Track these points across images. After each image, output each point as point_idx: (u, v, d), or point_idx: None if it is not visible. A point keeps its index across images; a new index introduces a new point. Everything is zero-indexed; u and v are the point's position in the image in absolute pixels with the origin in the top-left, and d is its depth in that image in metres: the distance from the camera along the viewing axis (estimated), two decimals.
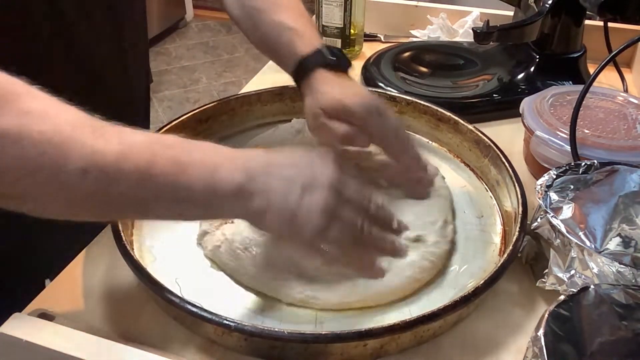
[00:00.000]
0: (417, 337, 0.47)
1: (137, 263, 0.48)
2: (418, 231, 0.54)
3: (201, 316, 0.44)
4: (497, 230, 0.60)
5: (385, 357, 0.46)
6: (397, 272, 0.51)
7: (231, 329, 0.43)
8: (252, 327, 0.43)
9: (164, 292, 0.46)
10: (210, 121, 0.70)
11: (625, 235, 0.48)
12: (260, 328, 0.43)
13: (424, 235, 0.54)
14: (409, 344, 0.47)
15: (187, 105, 2.66)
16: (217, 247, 0.53)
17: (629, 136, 0.64)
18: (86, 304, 0.50)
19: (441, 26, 1.06)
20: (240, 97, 0.73)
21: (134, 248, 0.55)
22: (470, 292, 0.46)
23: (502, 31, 0.75)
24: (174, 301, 0.45)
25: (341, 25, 0.95)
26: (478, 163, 0.67)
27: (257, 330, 0.43)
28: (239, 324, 0.43)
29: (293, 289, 0.50)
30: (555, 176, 0.54)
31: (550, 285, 0.50)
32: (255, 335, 0.43)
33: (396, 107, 0.73)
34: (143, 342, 0.46)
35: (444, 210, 0.58)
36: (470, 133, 0.67)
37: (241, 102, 0.73)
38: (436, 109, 0.71)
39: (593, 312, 0.40)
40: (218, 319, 0.43)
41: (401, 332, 0.44)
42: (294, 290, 0.50)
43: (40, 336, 0.40)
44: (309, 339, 0.43)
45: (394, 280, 0.51)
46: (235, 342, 0.46)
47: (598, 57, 0.70)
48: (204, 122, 0.70)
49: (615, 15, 0.72)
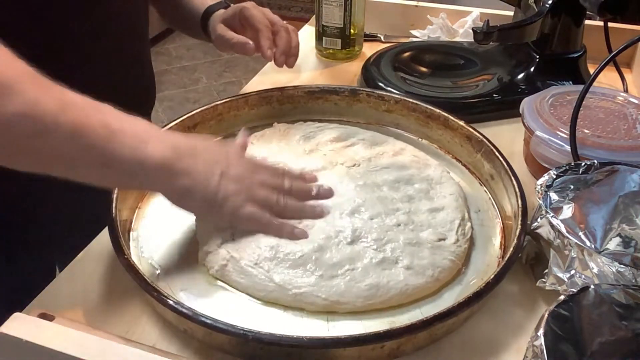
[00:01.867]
0: (432, 335, 0.47)
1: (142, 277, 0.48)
2: (439, 231, 0.55)
3: (216, 328, 0.43)
4: (496, 224, 0.60)
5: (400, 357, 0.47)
6: (419, 271, 0.51)
7: (249, 338, 0.43)
8: (269, 335, 0.43)
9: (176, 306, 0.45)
10: (199, 127, 0.70)
11: (625, 235, 0.48)
12: (278, 336, 0.43)
13: (445, 235, 0.55)
14: (424, 343, 0.47)
15: (187, 105, 2.66)
16: (224, 266, 0.52)
17: (629, 136, 0.64)
18: (86, 304, 0.50)
19: (441, 26, 1.06)
20: (227, 101, 0.72)
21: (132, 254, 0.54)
22: (482, 288, 0.47)
23: (502, 31, 0.75)
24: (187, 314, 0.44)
25: (341, 25, 0.95)
26: (470, 158, 0.67)
27: (274, 338, 0.43)
28: (256, 333, 0.42)
29: (319, 296, 0.49)
30: (555, 176, 0.54)
31: (550, 285, 0.50)
32: (273, 344, 0.43)
33: (385, 106, 0.73)
34: (143, 342, 0.46)
35: (460, 208, 0.59)
36: (461, 129, 0.67)
37: (228, 107, 0.72)
38: (425, 107, 0.71)
39: (593, 312, 0.40)
40: (234, 329, 0.43)
41: (419, 331, 0.44)
42: (318, 297, 0.49)
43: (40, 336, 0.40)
44: (328, 343, 0.43)
45: (417, 280, 0.51)
46: (252, 352, 0.45)
47: (598, 57, 0.70)
48: (192, 129, 0.69)
49: (615, 15, 0.72)
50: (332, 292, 0.49)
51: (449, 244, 0.54)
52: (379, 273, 0.51)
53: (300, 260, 0.51)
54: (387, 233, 0.54)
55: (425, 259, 0.52)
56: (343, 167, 0.62)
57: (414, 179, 0.61)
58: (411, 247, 0.53)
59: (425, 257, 0.52)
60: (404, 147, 0.68)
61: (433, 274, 0.52)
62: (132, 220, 0.60)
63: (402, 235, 0.54)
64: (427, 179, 0.61)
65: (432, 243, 0.54)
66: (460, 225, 0.56)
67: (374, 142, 0.68)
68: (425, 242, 0.54)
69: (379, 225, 0.54)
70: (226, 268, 0.52)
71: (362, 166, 0.62)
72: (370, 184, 0.59)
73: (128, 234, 0.57)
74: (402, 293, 0.50)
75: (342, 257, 0.51)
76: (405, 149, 0.67)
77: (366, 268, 0.51)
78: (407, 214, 0.56)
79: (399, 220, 0.55)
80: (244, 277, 0.51)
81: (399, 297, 0.50)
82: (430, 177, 0.62)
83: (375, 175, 0.61)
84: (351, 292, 0.49)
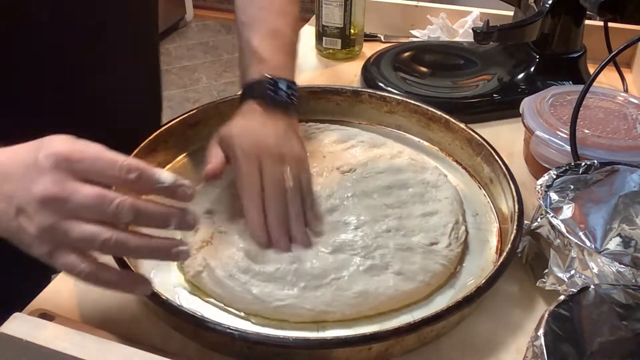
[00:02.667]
0: (421, 338, 0.47)
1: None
2: (431, 235, 0.54)
3: (204, 325, 0.43)
4: (493, 228, 0.60)
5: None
6: (410, 276, 0.51)
7: (235, 337, 0.43)
8: (256, 335, 0.43)
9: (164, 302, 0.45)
10: (200, 125, 0.69)
11: (625, 235, 0.48)
12: (265, 335, 0.43)
13: (437, 240, 0.54)
14: (413, 346, 0.47)
15: (187, 105, 2.66)
16: (199, 273, 0.51)
17: (629, 136, 0.64)
18: (86, 304, 0.50)
19: (441, 26, 1.06)
20: (228, 100, 0.71)
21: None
22: (473, 292, 0.46)
23: (502, 31, 0.75)
24: (176, 310, 0.44)
25: (341, 25, 0.95)
26: (470, 161, 0.67)
27: (261, 338, 0.43)
28: (242, 332, 0.42)
29: (303, 307, 0.48)
30: (555, 176, 0.54)
31: (550, 285, 0.50)
32: (259, 343, 0.43)
33: (386, 107, 0.73)
34: (143, 342, 0.46)
35: (454, 212, 0.58)
36: (462, 132, 0.67)
37: (230, 105, 0.71)
38: (427, 108, 0.71)
39: (593, 312, 0.40)
40: (221, 327, 0.43)
41: (406, 334, 0.44)
42: (303, 309, 0.48)
43: (40, 336, 0.40)
44: (314, 344, 0.43)
45: (407, 285, 0.50)
46: (239, 351, 0.45)
47: (598, 57, 0.70)
48: (193, 127, 0.69)
49: (615, 15, 0.72)
50: (319, 302, 0.48)
51: (440, 248, 0.54)
52: (367, 280, 0.50)
53: (277, 273, 0.50)
54: (377, 240, 0.53)
55: (416, 264, 0.52)
56: (337, 173, 0.61)
57: (410, 183, 0.61)
58: (402, 252, 0.53)
59: (417, 262, 0.52)
60: (402, 149, 0.67)
61: (424, 279, 0.51)
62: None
63: (392, 241, 0.53)
64: (422, 183, 0.61)
65: (424, 247, 0.53)
66: (454, 229, 0.56)
67: (373, 144, 0.68)
68: (417, 246, 0.53)
69: (365, 233, 0.54)
70: (202, 275, 0.51)
71: (357, 171, 0.62)
72: (360, 194, 0.58)
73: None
74: (393, 299, 0.50)
75: (326, 267, 0.50)
76: (403, 152, 0.67)
77: (353, 276, 0.50)
78: (399, 219, 0.56)
79: (388, 227, 0.55)
80: (221, 289, 0.50)
81: (390, 303, 0.50)
82: (426, 181, 0.61)
83: (368, 182, 0.60)
84: (339, 301, 0.49)
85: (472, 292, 0.46)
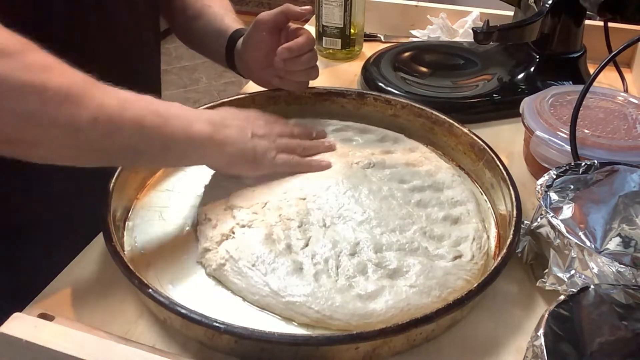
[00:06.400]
0: (409, 340, 0.46)
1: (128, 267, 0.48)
2: (454, 249, 0.53)
3: (190, 318, 0.43)
4: (492, 234, 0.59)
5: None
6: (424, 290, 0.49)
7: (221, 331, 0.42)
8: (242, 329, 0.42)
9: (153, 293, 0.45)
10: None
11: (625, 235, 0.48)
12: (250, 330, 0.42)
13: (460, 252, 0.53)
14: (401, 348, 0.46)
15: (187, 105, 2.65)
16: (222, 266, 0.51)
17: (629, 136, 0.64)
18: (86, 304, 0.50)
19: (441, 26, 1.06)
20: (234, 100, 0.72)
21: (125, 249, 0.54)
22: (463, 296, 0.45)
23: (502, 31, 0.75)
24: (164, 302, 0.44)
25: (341, 25, 0.95)
26: (473, 167, 0.67)
27: (246, 332, 0.42)
28: (228, 326, 0.42)
29: (311, 307, 0.47)
30: (555, 176, 0.54)
31: (550, 285, 0.50)
32: (245, 338, 0.42)
33: (391, 110, 0.73)
34: (143, 342, 0.46)
35: (474, 219, 0.57)
36: (465, 136, 0.67)
37: (235, 106, 0.71)
38: (431, 112, 0.70)
39: (593, 312, 0.40)
40: (207, 321, 0.43)
41: (393, 335, 0.43)
42: (311, 309, 0.47)
43: (40, 336, 0.40)
44: (299, 341, 0.43)
45: (420, 300, 0.48)
46: (226, 345, 0.45)
47: (598, 57, 0.70)
48: None
49: (615, 15, 0.72)
50: (326, 306, 0.47)
51: (464, 262, 0.52)
52: (380, 290, 0.49)
53: (299, 266, 0.50)
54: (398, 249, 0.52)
55: (435, 278, 0.50)
56: (358, 167, 0.63)
57: (425, 184, 0.61)
58: (421, 264, 0.51)
59: (436, 277, 0.50)
60: (416, 146, 0.69)
61: (440, 295, 0.49)
62: (130, 209, 0.60)
63: (411, 251, 0.52)
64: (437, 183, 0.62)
65: (447, 261, 0.52)
66: (476, 239, 0.54)
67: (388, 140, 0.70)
68: (438, 259, 0.52)
69: (388, 241, 0.53)
70: (224, 268, 0.51)
71: (376, 167, 0.63)
72: (383, 193, 0.59)
73: (124, 223, 0.58)
74: (404, 313, 0.47)
75: (343, 270, 0.50)
76: (417, 148, 0.68)
77: (366, 283, 0.49)
78: (421, 229, 0.55)
79: (408, 238, 0.54)
80: (240, 279, 0.50)
81: (400, 317, 0.47)
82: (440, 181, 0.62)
83: (389, 181, 0.61)
84: (346, 308, 0.47)
85: (462, 296, 0.45)
